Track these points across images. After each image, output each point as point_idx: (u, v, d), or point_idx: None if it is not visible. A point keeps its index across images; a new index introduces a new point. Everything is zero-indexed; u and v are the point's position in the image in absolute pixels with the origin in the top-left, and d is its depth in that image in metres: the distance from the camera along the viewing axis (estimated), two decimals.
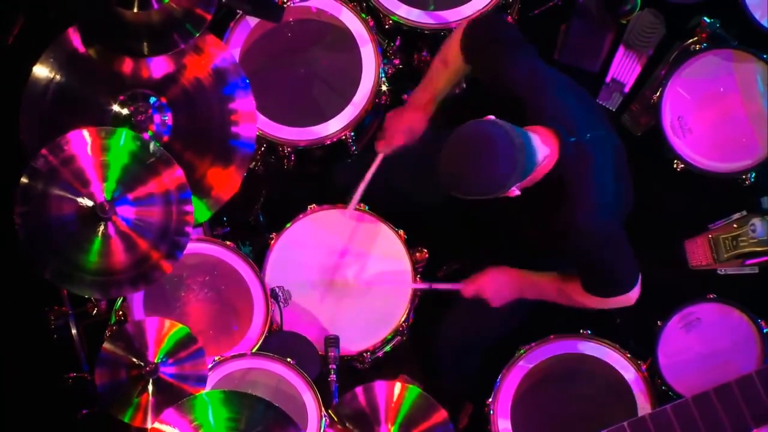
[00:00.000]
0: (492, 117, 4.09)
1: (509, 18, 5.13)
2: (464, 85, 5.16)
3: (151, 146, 4.37)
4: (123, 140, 4.36)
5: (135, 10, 4.46)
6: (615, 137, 4.46)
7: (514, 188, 4.09)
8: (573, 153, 4.16)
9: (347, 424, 4.38)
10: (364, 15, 5.04)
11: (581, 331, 4.83)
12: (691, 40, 5.09)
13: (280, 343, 4.77)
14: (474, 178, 4.04)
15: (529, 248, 4.60)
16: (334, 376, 4.68)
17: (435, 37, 5.07)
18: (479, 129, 4.05)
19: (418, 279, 4.90)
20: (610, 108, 5.34)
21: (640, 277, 4.42)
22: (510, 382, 4.80)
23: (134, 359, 4.43)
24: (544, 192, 4.21)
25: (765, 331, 4.75)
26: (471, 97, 4.67)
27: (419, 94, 4.71)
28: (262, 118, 4.94)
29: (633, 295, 4.44)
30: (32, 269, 4.33)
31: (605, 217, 4.24)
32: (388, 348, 4.97)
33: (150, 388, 4.41)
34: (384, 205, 4.95)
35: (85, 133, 4.35)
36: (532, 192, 4.21)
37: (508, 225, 4.56)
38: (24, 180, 4.30)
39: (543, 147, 4.11)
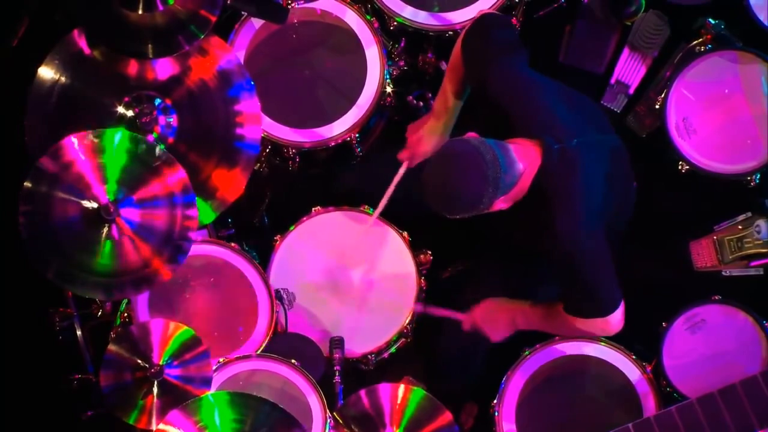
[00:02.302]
0: (472, 134, 4.10)
1: (513, 20, 5.12)
2: None
3: (157, 150, 4.37)
4: (118, 140, 4.35)
5: (140, 11, 4.47)
6: (613, 139, 4.43)
7: (498, 202, 4.09)
8: (557, 161, 4.14)
9: (352, 427, 4.39)
10: (368, 16, 5.04)
11: None
12: (695, 42, 5.08)
13: (285, 344, 4.77)
14: (447, 199, 4.06)
15: (524, 255, 4.59)
16: (339, 378, 4.68)
17: (440, 39, 5.07)
18: (450, 149, 4.07)
19: (423, 282, 4.90)
20: (615, 110, 5.34)
21: (622, 304, 4.33)
22: (515, 384, 4.80)
23: (139, 361, 4.43)
24: (531, 200, 4.19)
25: None
26: (466, 109, 4.67)
27: (437, 103, 4.70)
28: (266, 119, 4.94)
29: (613, 322, 4.34)
30: (35, 269, 4.33)
31: (589, 227, 4.19)
32: (392, 349, 4.98)
33: (155, 390, 4.41)
34: (389, 207, 4.94)
35: (74, 139, 4.34)
36: (523, 201, 4.20)
37: (505, 232, 4.55)
38: (28, 184, 4.30)
39: (522, 157, 4.10)
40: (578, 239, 4.18)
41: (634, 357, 4.79)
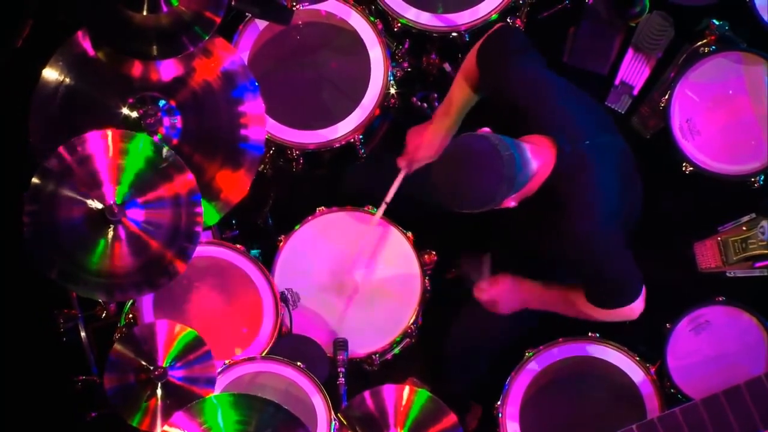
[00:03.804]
0: (486, 129, 4.10)
1: (518, 21, 5.12)
2: None
3: (164, 151, 4.37)
4: (141, 145, 4.35)
5: (144, 13, 4.46)
6: (621, 142, 4.45)
7: (508, 200, 4.10)
8: (570, 161, 4.15)
9: (356, 428, 4.38)
10: (372, 18, 5.04)
11: (590, 333, 4.83)
12: (700, 43, 5.09)
13: (290, 346, 4.77)
14: (461, 193, 4.06)
15: (534, 255, 4.60)
16: (343, 379, 4.68)
17: (444, 40, 5.08)
18: (466, 144, 4.07)
19: (427, 283, 4.90)
20: (619, 111, 5.34)
21: (644, 290, 4.41)
22: (519, 385, 4.79)
23: (143, 362, 4.43)
24: (544, 201, 4.20)
25: None
26: (478, 105, 4.67)
27: (442, 110, 4.70)
28: (271, 121, 4.95)
29: (636, 308, 4.42)
30: (38, 268, 4.32)
31: (606, 226, 4.22)
32: (397, 350, 4.98)
33: (159, 391, 4.41)
34: (393, 207, 4.95)
35: (109, 133, 4.35)
36: (533, 201, 4.21)
37: (514, 232, 4.56)
38: (35, 180, 4.30)
39: (537, 157, 4.12)
40: (597, 239, 4.21)
41: (638, 358, 4.79)
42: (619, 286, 4.37)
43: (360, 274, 4.95)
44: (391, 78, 5.04)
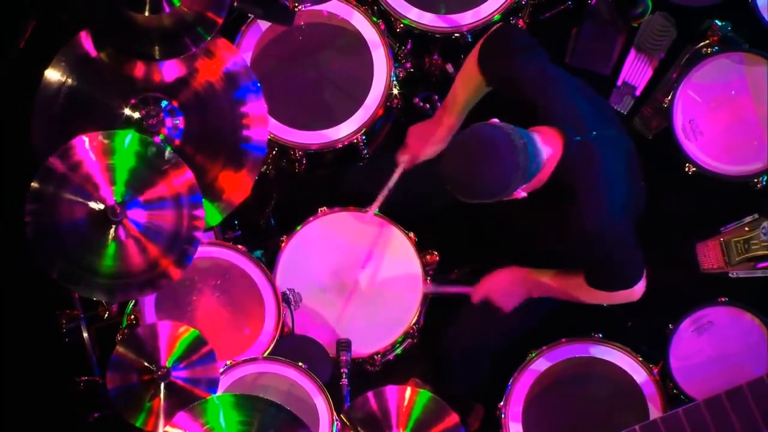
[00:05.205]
0: (495, 120, 4.11)
1: (520, 21, 5.13)
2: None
3: (167, 153, 4.37)
4: (128, 142, 4.35)
5: (146, 13, 4.46)
6: (627, 140, 4.46)
7: (519, 190, 4.10)
8: (578, 152, 4.16)
9: (359, 429, 4.38)
10: (375, 18, 5.04)
11: (593, 334, 4.83)
12: (702, 43, 5.09)
13: (292, 346, 4.77)
14: (476, 182, 4.06)
15: (539, 248, 4.60)
16: (346, 380, 4.68)
17: (446, 41, 5.08)
18: (480, 133, 4.07)
19: (428, 281, 4.90)
20: (622, 111, 5.34)
21: (645, 272, 4.43)
22: (521, 386, 4.80)
23: (146, 363, 4.43)
24: (551, 192, 4.21)
25: None
26: (483, 100, 4.67)
27: (443, 110, 4.70)
28: (273, 121, 4.94)
29: (638, 290, 4.46)
30: (39, 268, 4.32)
31: (614, 216, 4.24)
32: (398, 350, 4.98)
33: (162, 392, 4.41)
34: (395, 207, 4.95)
35: (85, 138, 4.34)
36: (540, 192, 4.21)
37: (518, 226, 4.56)
38: (35, 184, 4.30)
39: (546, 147, 4.12)
40: (606, 227, 4.23)
41: (640, 359, 4.79)
42: (625, 271, 4.39)
43: (362, 275, 4.94)
44: (394, 78, 5.04)
